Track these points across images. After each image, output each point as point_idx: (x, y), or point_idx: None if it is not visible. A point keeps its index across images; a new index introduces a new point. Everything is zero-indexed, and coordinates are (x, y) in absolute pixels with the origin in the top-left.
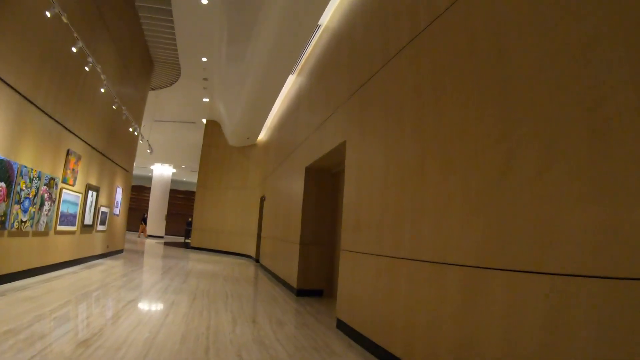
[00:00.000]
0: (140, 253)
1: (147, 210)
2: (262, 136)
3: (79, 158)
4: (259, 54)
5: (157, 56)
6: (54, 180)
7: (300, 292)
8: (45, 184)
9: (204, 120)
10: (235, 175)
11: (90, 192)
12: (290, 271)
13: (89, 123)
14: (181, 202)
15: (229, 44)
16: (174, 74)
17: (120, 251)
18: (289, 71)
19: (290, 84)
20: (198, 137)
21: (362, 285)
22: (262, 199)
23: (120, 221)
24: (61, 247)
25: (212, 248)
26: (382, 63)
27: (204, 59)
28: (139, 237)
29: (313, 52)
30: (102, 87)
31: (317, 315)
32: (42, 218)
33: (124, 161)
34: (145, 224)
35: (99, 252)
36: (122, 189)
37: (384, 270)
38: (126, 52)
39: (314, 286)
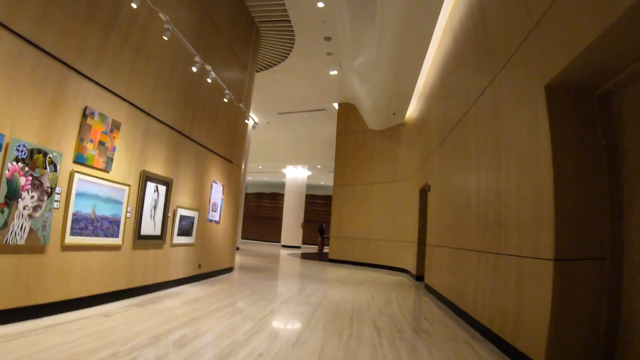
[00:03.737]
0: (258, 271)
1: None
2: (413, 109)
3: (114, 126)
4: None
5: (259, 14)
6: (47, 155)
7: None
8: (21, 160)
9: (336, 105)
10: (381, 166)
11: (150, 185)
12: (516, 316)
13: (143, 80)
14: (320, 207)
15: None
16: (286, 40)
17: (227, 270)
18: None
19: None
20: (331, 128)
21: None
22: (425, 190)
23: (222, 230)
24: (79, 271)
25: (356, 260)
26: None
27: (320, 4)
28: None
29: None
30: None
31: None
32: (16, 222)
33: (225, 149)
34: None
35: (181, 274)
36: (224, 186)
37: None
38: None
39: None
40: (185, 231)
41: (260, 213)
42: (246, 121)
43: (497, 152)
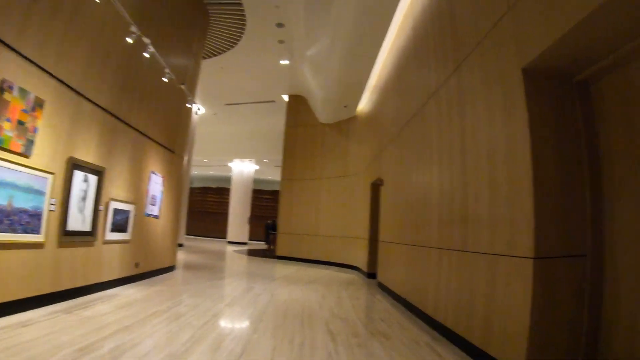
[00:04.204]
0: (202, 270)
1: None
2: (366, 102)
3: (37, 104)
4: None
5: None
6: None
7: None
8: None
9: (286, 97)
10: (331, 160)
11: (78, 174)
12: (487, 319)
13: (75, 55)
14: (267, 203)
15: None
16: (236, 25)
17: (169, 269)
18: None
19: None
20: (280, 121)
21: None
22: (378, 184)
23: (162, 226)
24: None
25: (305, 257)
26: None
27: None
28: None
29: None
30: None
31: None
32: None
33: (166, 137)
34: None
35: (116, 275)
36: (164, 177)
37: None
38: None
39: None
40: (120, 227)
41: (206, 208)
42: (188, 105)
43: (463, 143)
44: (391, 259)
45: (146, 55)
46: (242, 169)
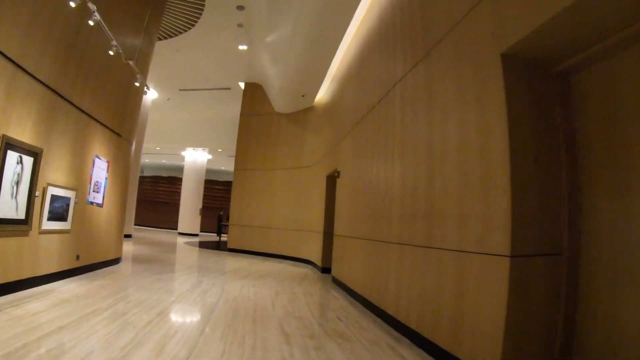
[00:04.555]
0: (149, 262)
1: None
2: (324, 92)
3: None
4: None
5: None
6: None
7: None
8: None
9: (242, 84)
10: (286, 150)
11: (12, 154)
12: (455, 320)
13: (13, 20)
14: (220, 194)
15: None
16: (195, 5)
17: (114, 262)
18: None
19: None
20: (235, 110)
21: None
22: (334, 176)
23: (107, 215)
24: None
25: (256, 250)
26: None
27: None
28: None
29: None
30: None
31: None
32: None
33: (113, 119)
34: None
35: (54, 268)
36: (110, 162)
37: None
38: None
39: None
40: (58, 215)
41: (156, 198)
42: (136, 84)
43: (430, 133)
44: (347, 254)
45: (91, 23)
46: (195, 158)
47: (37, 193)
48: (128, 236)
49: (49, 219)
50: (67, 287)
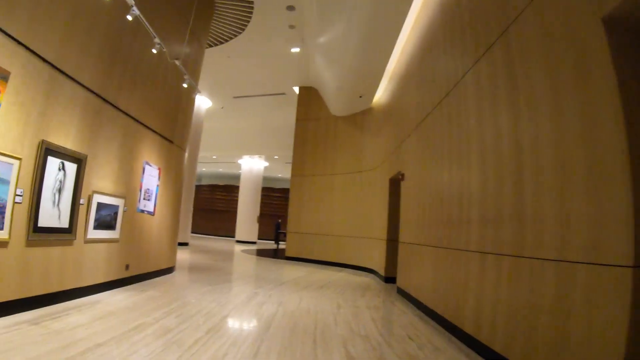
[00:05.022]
0: (204, 272)
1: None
2: (382, 91)
3: (1, 76)
4: None
5: None
6: None
7: None
8: None
9: (296, 89)
10: (345, 155)
11: (53, 161)
12: (559, 345)
13: (51, 21)
14: (277, 201)
15: None
16: (243, 8)
17: (167, 271)
18: None
19: None
20: (291, 116)
21: None
22: (398, 179)
23: (159, 224)
24: None
25: (316, 258)
26: None
27: None
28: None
29: None
30: None
31: None
32: None
33: (163, 125)
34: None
35: (101, 278)
36: (161, 169)
37: None
38: None
39: None
40: (106, 223)
41: (214, 206)
42: (184, 85)
43: (516, 121)
44: (414, 263)
45: (129, 17)
46: (252, 166)
47: (82, 201)
48: (184, 244)
49: (96, 227)
50: (114, 298)
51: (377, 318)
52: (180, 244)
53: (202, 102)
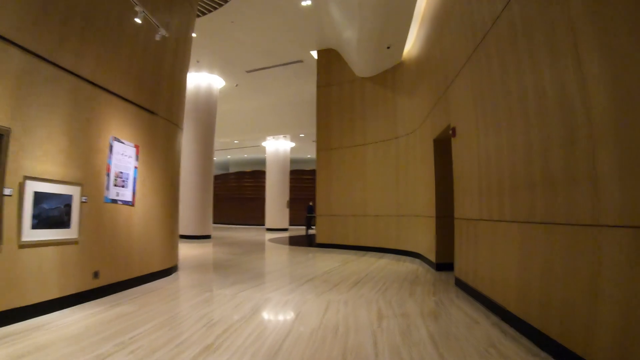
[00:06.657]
0: (214, 271)
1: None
2: (414, 39)
3: None
4: None
5: None
6: None
7: None
8: None
9: (314, 54)
10: (376, 120)
11: None
12: None
13: None
14: (308, 184)
15: None
16: None
17: (162, 274)
18: None
19: None
20: (312, 87)
21: None
22: (448, 136)
23: (146, 217)
24: None
25: (350, 244)
26: None
27: None
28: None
29: None
30: None
31: None
32: None
33: (140, 93)
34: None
35: (53, 293)
36: (139, 147)
37: None
38: None
39: None
40: (53, 220)
41: (242, 194)
42: (157, 38)
43: None
44: (482, 246)
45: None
46: (277, 148)
47: (7, 191)
48: (206, 237)
49: (36, 226)
50: (68, 319)
51: (437, 335)
52: (201, 238)
53: (215, 82)
